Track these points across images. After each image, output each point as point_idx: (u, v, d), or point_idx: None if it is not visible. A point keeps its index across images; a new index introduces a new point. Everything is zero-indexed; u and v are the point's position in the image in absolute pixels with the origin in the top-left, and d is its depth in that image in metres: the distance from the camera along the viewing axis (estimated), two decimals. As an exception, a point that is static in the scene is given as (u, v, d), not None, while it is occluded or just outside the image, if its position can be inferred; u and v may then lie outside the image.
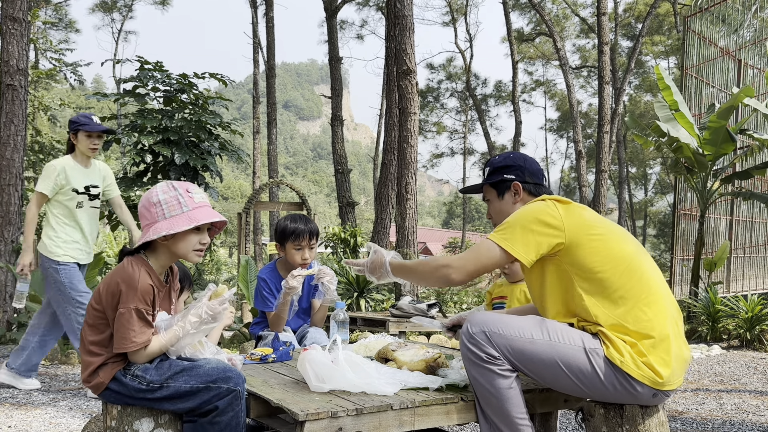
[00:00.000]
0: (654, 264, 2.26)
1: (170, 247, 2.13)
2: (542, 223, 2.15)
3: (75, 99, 28.56)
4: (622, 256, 2.16)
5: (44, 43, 22.24)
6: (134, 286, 2.02)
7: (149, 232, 2.09)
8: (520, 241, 2.15)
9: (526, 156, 2.53)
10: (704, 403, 4.60)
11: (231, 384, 2.04)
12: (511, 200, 2.44)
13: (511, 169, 2.45)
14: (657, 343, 2.06)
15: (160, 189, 2.14)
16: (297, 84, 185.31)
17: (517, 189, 2.43)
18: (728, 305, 7.87)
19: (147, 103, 7.78)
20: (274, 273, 3.31)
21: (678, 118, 8.87)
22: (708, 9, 10.72)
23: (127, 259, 2.10)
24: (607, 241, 2.17)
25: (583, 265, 2.13)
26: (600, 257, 2.13)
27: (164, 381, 2.03)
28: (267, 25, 19.44)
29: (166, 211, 2.10)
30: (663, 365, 2.05)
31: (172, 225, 2.08)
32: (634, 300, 2.10)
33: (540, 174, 2.48)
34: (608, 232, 2.20)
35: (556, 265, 2.19)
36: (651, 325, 2.08)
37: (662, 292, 2.17)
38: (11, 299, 7.59)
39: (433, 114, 38.93)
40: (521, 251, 2.15)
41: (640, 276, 2.14)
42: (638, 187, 48.30)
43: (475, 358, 2.10)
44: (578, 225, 2.17)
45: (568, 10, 33.68)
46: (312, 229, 3.23)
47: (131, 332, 2.00)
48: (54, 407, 4.28)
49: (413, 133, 8.11)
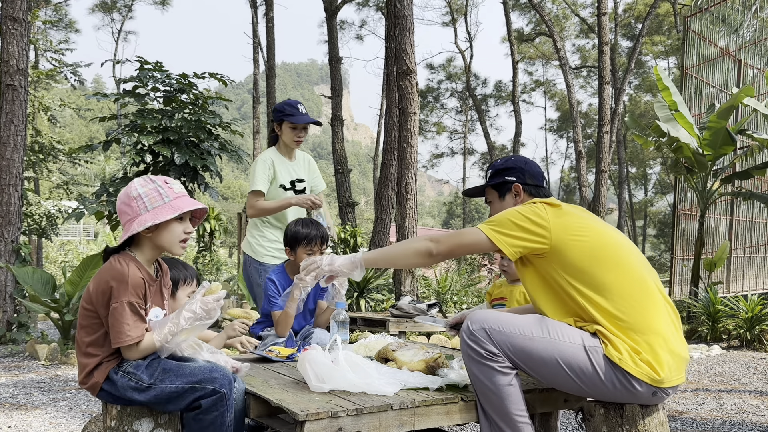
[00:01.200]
0: (646, 262, 2.28)
1: (154, 240, 2.11)
2: (530, 222, 2.20)
3: (75, 99, 28.57)
4: (611, 255, 2.18)
5: (44, 43, 22.24)
6: (125, 281, 2.00)
7: (133, 225, 2.07)
8: (507, 234, 2.21)
9: (527, 159, 2.58)
10: (704, 403, 4.60)
11: (216, 385, 2.04)
12: (512, 201, 2.48)
13: (512, 171, 2.50)
14: (653, 339, 2.08)
15: (137, 183, 2.12)
16: (297, 84, 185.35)
17: (518, 190, 2.47)
18: (728, 305, 7.87)
19: (147, 103, 7.78)
20: (283, 275, 3.31)
21: (678, 118, 8.87)
22: (708, 9, 10.73)
23: (113, 257, 2.09)
24: (595, 241, 2.19)
25: (571, 265, 2.16)
26: (588, 257, 2.16)
27: (153, 381, 2.03)
28: (267, 25, 19.44)
29: (148, 204, 2.08)
30: (660, 362, 2.06)
31: (156, 215, 2.07)
32: (627, 298, 2.12)
33: (541, 176, 2.52)
34: (596, 232, 2.22)
35: (546, 268, 2.22)
36: (647, 322, 2.09)
37: (655, 289, 2.19)
38: (11, 299, 7.59)
39: (433, 114, 38.97)
40: (506, 243, 2.20)
41: (631, 274, 2.17)
42: (638, 187, 48.33)
43: (475, 355, 2.11)
44: (565, 227, 2.20)
45: (568, 10, 33.70)
46: (323, 234, 3.26)
47: (125, 326, 1.99)
48: (54, 407, 4.28)
49: (413, 133, 8.10)
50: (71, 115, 43.07)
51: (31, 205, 16.61)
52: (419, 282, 10.17)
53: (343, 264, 2.38)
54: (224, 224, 18.72)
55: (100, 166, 27.52)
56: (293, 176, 4.08)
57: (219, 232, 17.95)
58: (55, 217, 16.85)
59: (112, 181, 7.60)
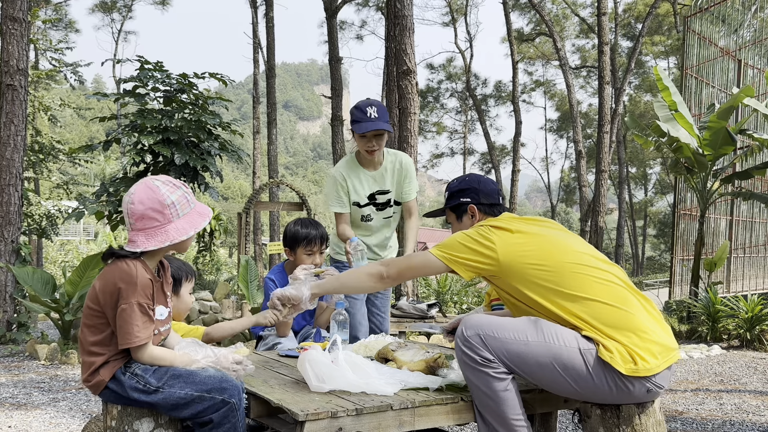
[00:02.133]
0: (605, 259, 2.31)
1: (174, 245, 2.10)
2: (478, 243, 2.28)
3: (75, 99, 28.55)
4: (566, 262, 2.21)
5: (44, 43, 22.24)
6: (134, 282, 2.00)
7: (168, 234, 2.05)
8: (457, 257, 2.28)
9: (481, 177, 2.65)
10: (704, 403, 4.60)
11: (226, 395, 2.03)
12: (468, 222, 2.56)
13: (467, 192, 2.57)
14: (635, 333, 2.09)
15: (166, 189, 2.08)
16: (297, 84, 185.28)
17: (473, 212, 2.55)
18: (728, 305, 7.87)
19: (147, 103, 7.77)
20: (282, 274, 3.31)
21: (678, 118, 8.87)
22: (708, 9, 10.73)
23: (120, 259, 2.06)
24: (545, 251, 2.23)
25: (530, 282, 2.20)
26: (543, 270, 2.20)
27: (161, 385, 2.02)
28: (267, 25, 19.44)
29: (180, 211, 2.09)
30: (647, 353, 2.07)
31: (193, 223, 2.09)
32: (596, 299, 2.14)
33: (495, 194, 2.58)
34: (545, 242, 2.26)
35: (507, 288, 2.28)
36: (623, 318, 2.11)
37: (620, 284, 2.21)
38: (11, 299, 7.59)
39: (433, 114, 38.97)
40: (458, 264, 2.28)
41: (593, 275, 2.19)
42: (638, 187, 48.33)
43: (470, 362, 2.11)
44: (511, 246, 2.25)
45: (568, 10, 33.70)
46: (323, 234, 3.25)
47: (135, 327, 1.99)
48: (54, 407, 4.28)
49: (413, 133, 8.10)
50: (71, 115, 43.11)
51: (31, 205, 16.60)
52: (419, 282, 10.17)
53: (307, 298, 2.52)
54: (224, 224, 18.76)
55: (100, 166, 27.54)
56: (373, 188, 3.59)
57: (219, 232, 17.99)
58: (55, 217, 16.85)
59: (112, 181, 7.59)
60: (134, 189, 2.09)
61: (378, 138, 3.45)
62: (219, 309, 7.60)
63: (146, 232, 2.06)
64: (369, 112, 3.40)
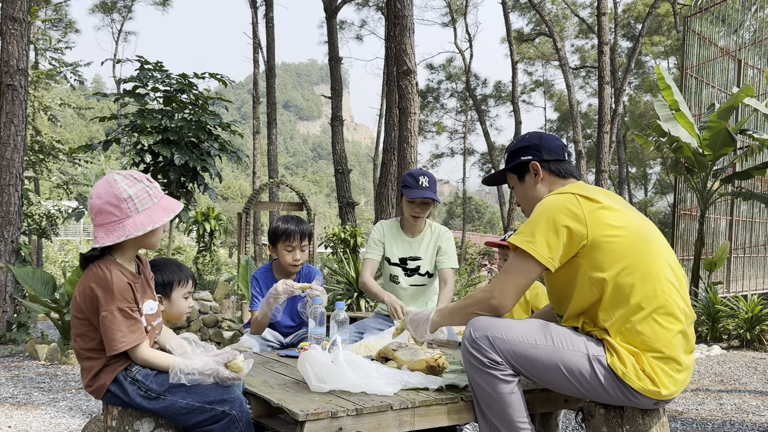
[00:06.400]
0: (678, 266, 2.16)
1: (140, 241, 2.05)
2: (565, 226, 2.07)
3: (75, 99, 28.55)
4: (644, 261, 2.06)
5: (44, 43, 22.23)
6: (110, 288, 1.96)
7: (127, 229, 1.98)
8: (544, 244, 2.08)
9: (543, 133, 2.38)
10: (704, 403, 4.60)
11: (227, 407, 2.01)
12: (532, 182, 2.33)
13: (528, 150, 2.33)
14: (664, 359, 2.02)
15: (124, 183, 2.02)
16: (297, 84, 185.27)
17: (536, 169, 2.31)
18: (728, 305, 7.87)
19: (147, 103, 7.77)
20: (268, 274, 3.28)
21: (678, 118, 8.87)
22: (708, 9, 10.72)
23: (94, 264, 2.02)
24: (629, 244, 2.07)
25: (601, 267, 2.05)
26: (619, 260, 2.05)
27: (162, 392, 2.00)
28: (267, 25, 19.44)
29: (138, 205, 2.00)
30: (667, 380, 2.01)
31: (153, 218, 2.01)
32: (650, 310, 2.03)
33: (560, 149, 2.33)
34: (631, 233, 2.08)
35: (574, 264, 2.11)
36: (662, 339, 2.02)
37: (680, 302, 2.08)
38: (11, 299, 7.59)
39: (433, 114, 38.92)
40: (547, 255, 2.08)
41: (661, 285, 2.06)
42: (638, 187, 48.31)
43: (477, 363, 2.07)
44: (599, 224, 2.06)
45: (568, 11, 33.68)
46: (303, 230, 3.17)
47: (118, 333, 1.96)
48: (54, 407, 4.28)
49: (413, 133, 8.10)
50: (71, 115, 43.10)
51: (31, 205, 16.61)
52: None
53: (429, 337, 2.38)
54: (224, 224, 18.72)
55: (100, 166, 27.49)
56: (407, 253, 3.67)
57: (219, 232, 17.95)
58: (55, 217, 16.85)
59: (112, 181, 7.59)
60: (97, 184, 2.05)
61: (424, 206, 3.58)
62: (219, 309, 7.60)
63: (105, 227, 2.00)
64: (421, 181, 3.54)
